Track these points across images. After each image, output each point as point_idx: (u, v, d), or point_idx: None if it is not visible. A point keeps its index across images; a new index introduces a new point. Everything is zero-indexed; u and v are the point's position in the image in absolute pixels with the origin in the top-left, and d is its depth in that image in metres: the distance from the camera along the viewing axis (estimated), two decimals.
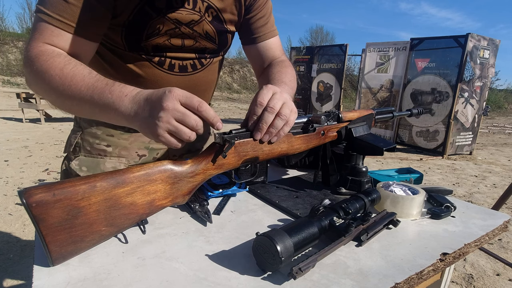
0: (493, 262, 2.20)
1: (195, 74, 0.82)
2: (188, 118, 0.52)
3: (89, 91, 0.56)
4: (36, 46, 0.60)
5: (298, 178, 0.90)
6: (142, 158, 0.86)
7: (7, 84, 12.99)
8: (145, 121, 0.53)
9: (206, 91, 0.89)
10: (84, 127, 0.83)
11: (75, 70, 0.58)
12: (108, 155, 0.82)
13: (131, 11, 0.67)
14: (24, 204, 0.42)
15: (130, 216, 0.51)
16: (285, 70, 0.83)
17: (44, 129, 5.98)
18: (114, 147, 0.83)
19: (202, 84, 0.86)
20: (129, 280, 0.44)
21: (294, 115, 0.62)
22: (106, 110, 0.56)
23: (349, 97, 16.96)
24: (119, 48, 0.73)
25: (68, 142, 0.86)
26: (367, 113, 0.86)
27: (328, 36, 27.08)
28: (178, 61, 0.78)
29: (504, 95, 22.28)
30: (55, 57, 0.59)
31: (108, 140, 0.82)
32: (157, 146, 0.88)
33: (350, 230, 0.53)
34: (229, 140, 0.58)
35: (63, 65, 0.58)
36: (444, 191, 0.79)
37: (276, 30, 0.92)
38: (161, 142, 0.53)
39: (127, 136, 0.83)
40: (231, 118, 9.74)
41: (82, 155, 0.82)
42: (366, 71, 6.43)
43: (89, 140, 0.82)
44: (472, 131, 5.73)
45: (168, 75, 0.78)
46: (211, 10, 0.75)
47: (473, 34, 5.10)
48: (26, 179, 3.24)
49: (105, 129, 0.82)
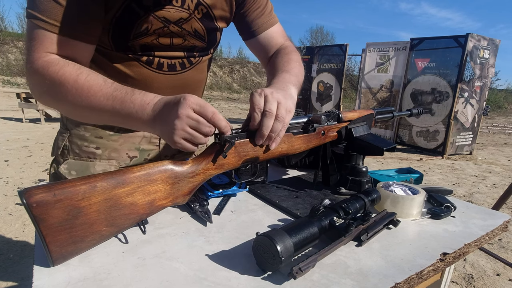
0: (493, 262, 2.20)
1: (184, 72, 0.81)
2: (202, 126, 0.54)
3: (109, 102, 0.57)
4: (39, 57, 0.59)
5: (298, 178, 0.90)
6: (133, 159, 0.84)
7: (7, 84, 12.99)
8: (164, 128, 0.54)
9: (196, 90, 0.88)
10: (71, 128, 0.81)
11: (90, 80, 0.58)
12: (97, 158, 0.81)
13: (118, 7, 0.65)
14: (25, 204, 0.42)
15: (130, 216, 0.51)
16: (288, 58, 0.81)
17: (44, 129, 5.98)
18: (104, 149, 0.81)
19: (192, 83, 0.85)
20: (129, 280, 0.44)
21: (289, 115, 0.62)
22: (129, 119, 0.57)
23: (349, 97, 16.96)
24: (106, 49, 0.71)
25: (55, 144, 0.84)
26: (367, 113, 0.86)
27: (328, 36, 27.11)
28: (167, 60, 0.76)
29: (504, 95, 22.29)
30: (64, 67, 0.58)
31: (97, 142, 0.80)
32: (148, 147, 0.86)
33: (350, 230, 0.53)
34: (230, 140, 0.58)
35: (76, 76, 0.58)
36: (444, 191, 0.79)
37: (275, 17, 0.89)
38: (178, 148, 0.55)
39: (116, 138, 0.82)
40: (231, 118, 9.74)
41: (71, 158, 0.80)
42: (366, 71, 6.43)
43: (77, 142, 0.80)
44: (472, 131, 5.73)
45: (157, 74, 0.77)
46: (201, 7, 0.73)
47: (473, 34, 5.10)
48: (26, 179, 3.24)
49: (94, 131, 0.80)
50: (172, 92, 0.80)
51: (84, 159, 0.80)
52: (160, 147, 0.89)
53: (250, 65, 21.21)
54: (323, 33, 27.33)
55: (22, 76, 13.50)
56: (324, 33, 27.80)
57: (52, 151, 0.86)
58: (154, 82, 0.77)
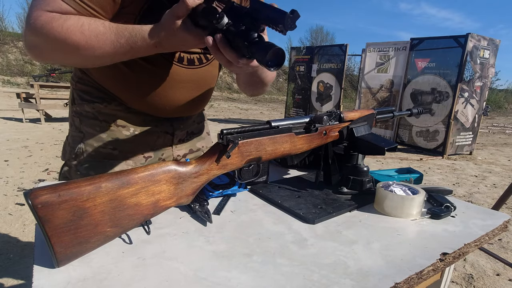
0: (493, 262, 2.20)
1: (201, 68, 0.83)
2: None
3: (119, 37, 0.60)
4: (42, 14, 0.59)
5: (300, 178, 0.90)
6: (148, 159, 0.86)
7: (7, 84, 12.98)
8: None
9: (211, 85, 0.91)
10: (86, 131, 0.81)
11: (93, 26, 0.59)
12: (114, 159, 0.82)
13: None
14: (30, 205, 0.42)
15: (134, 217, 0.51)
16: None
17: (44, 129, 5.97)
18: (120, 150, 0.82)
19: (208, 78, 0.87)
20: (129, 280, 0.44)
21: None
22: (146, 40, 0.60)
23: (349, 97, 16.96)
24: None
25: (68, 148, 0.84)
26: (368, 113, 0.86)
27: (328, 36, 27.04)
28: (187, 55, 0.79)
29: (504, 95, 22.27)
30: (67, 20, 0.58)
31: (113, 143, 0.81)
32: (161, 147, 0.88)
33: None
34: (233, 140, 0.58)
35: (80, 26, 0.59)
36: (444, 191, 0.79)
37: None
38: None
39: (132, 138, 0.83)
40: (231, 118, 9.74)
41: (87, 161, 0.80)
42: (366, 71, 6.43)
43: (93, 144, 0.81)
44: (472, 131, 5.73)
45: (179, 67, 0.79)
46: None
47: (473, 34, 5.10)
48: (26, 179, 3.24)
49: (110, 132, 0.81)
50: (192, 86, 0.84)
51: (101, 160, 0.81)
52: (173, 147, 0.92)
53: None
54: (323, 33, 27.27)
55: (22, 76, 13.50)
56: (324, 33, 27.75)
57: (63, 155, 0.86)
58: (175, 74, 0.79)
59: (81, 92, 0.83)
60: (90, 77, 0.81)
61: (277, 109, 13.41)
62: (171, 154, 0.92)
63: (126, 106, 0.82)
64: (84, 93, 0.82)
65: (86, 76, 0.82)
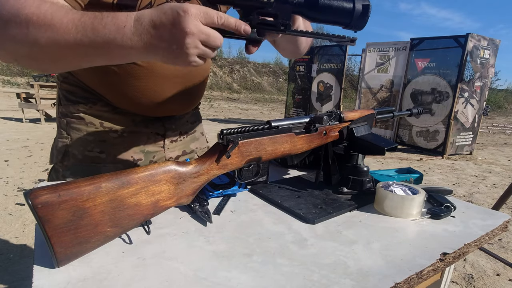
0: (493, 262, 2.20)
1: None
2: (213, 38, 0.48)
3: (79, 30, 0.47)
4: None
5: (300, 178, 0.90)
6: (139, 162, 0.83)
7: (7, 84, 12.98)
8: (170, 52, 0.47)
9: (201, 80, 0.87)
10: (72, 134, 0.78)
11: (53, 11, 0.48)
12: (102, 162, 0.78)
13: None
14: (30, 205, 0.42)
15: (134, 217, 0.51)
16: None
17: (44, 129, 5.97)
18: (108, 153, 0.79)
19: (196, 72, 0.83)
20: (129, 280, 0.44)
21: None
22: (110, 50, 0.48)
23: (349, 97, 16.95)
24: None
25: (55, 151, 0.81)
26: (368, 113, 0.86)
27: None
28: None
29: (504, 95, 22.27)
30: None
31: (100, 146, 0.78)
32: (152, 149, 0.85)
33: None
34: (233, 140, 0.58)
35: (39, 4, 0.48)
36: (444, 191, 0.79)
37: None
38: (192, 66, 0.50)
39: (120, 141, 0.80)
40: (231, 118, 9.73)
41: (74, 165, 0.78)
42: (366, 71, 6.43)
43: (80, 147, 0.78)
44: (472, 131, 5.73)
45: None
46: None
47: (473, 34, 5.10)
48: (26, 179, 3.24)
49: (96, 134, 0.78)
50: (179, 81, 0.78)
51: (89, 164, 0.78)
52: (165, 149, 0.88)
53: (250, 65, 21.20)
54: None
55: (22, 76, 13.49)
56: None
57: (50, 159, 0.83)
58: (160, 69, 0.74)
59: (66, 92, 0.80)
60: (75, 76, 0.78)
61: (277, 109, 13.41)
62: (163, 156, 0.88)
63: (113, 106, 0.79)
64: (69, 93, 0.79)
65: (71, 76, 0.78)
